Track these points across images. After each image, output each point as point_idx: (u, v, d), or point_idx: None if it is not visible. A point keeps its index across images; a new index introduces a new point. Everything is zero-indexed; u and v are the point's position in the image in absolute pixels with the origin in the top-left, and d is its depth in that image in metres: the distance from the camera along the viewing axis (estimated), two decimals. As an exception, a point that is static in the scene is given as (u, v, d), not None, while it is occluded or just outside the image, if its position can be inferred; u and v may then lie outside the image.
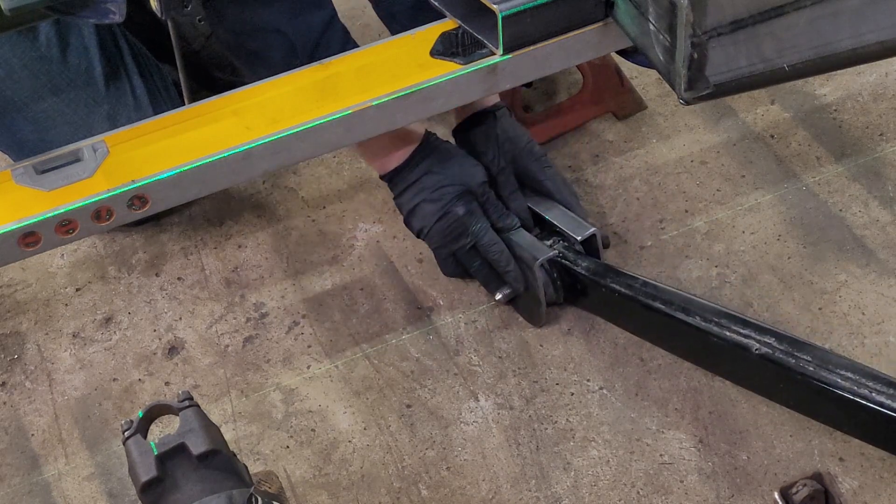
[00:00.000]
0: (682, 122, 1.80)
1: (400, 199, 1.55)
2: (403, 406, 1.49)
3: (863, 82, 1.82)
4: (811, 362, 1.27)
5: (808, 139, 1.75)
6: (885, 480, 1.36)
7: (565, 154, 1.78)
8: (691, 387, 1.47)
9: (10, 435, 1.51)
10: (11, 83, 1.58)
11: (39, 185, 1.25)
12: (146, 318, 1.63)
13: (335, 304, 1.62)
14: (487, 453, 1.44)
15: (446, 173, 1.52)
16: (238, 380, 1.54)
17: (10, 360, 1.60)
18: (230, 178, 1.32)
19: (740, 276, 1.58)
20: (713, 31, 1.09)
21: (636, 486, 1.38)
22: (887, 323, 1.50)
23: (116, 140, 1.30)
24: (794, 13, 1.05)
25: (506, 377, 1.51)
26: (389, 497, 1.40)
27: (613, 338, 1.53)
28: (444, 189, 1.51)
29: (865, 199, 1.65)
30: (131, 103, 1.64)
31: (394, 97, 1.32)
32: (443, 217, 1.51)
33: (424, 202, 1.52)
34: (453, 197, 1.51)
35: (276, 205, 1.76)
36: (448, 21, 1.39)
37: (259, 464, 1.45)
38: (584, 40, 1.36)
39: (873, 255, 1.58)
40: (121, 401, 1.54)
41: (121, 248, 1.72)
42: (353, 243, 1.69)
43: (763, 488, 1.36)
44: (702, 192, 1.69)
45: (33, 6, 1.15)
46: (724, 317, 1.35)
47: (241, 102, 1.34)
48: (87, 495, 1.45)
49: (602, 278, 1.47)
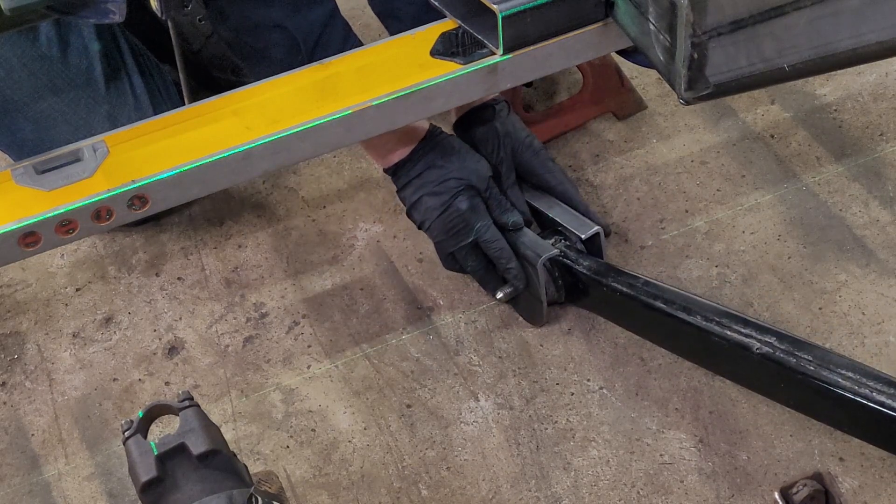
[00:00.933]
0: (682, 122, 1.80)
1: (403, 192, 1.55)
2: (403, 406, 1.49)
3: (863, 82, 1.82)
4: (812, 362, 1.27)
5: (808, 139, 1.75)
6: (885, 480, 1.36)
7: (566, 154, 1.78)
8: (691, 387, 1.47)
9: (10, 435, 1.51)
10: (11, 83, 1.58)
11: (39, 185, 1.25)
12: (146, 318, 1.63)
13: (335, 304, 1.62)
14: (487, 453, 1.44)
15: (450, 167, 1.51)
16: (238, 380, 1.54)
17: (10, 360, 1.60)
18: (230, 178, 1.32)
19: (740, 276, 1.58)
20: (713, 31, 1.09)
21: (636, 486, 1.38)
22: (887, 323, 1.50)
23: (116, 140, 1.30)
24: (794, 13, 1.05)
25: (506, 377, 1.51)
26: (389, 497, 1.40)
27: (614, 337, 1.53)
28: (448, 183, 1.51)
29: (865, 199, 1.65)
30: (131, 103, 1.64)
31: (394, 97, 1.32)
32: (445, 211, 1.51)
33: (427, 196, 1.52)
34: (457, 191, 1.50)
35: (276, 205, 1.76)
36: (448, 21, 1.39)
37: (259, 464, 1.45)
38: (584, 40, 1.36)
39: (873, 255, 1.58)
40: (121, 401, 1.54)
41: (121, 248, 1.72)
42: (353, 243, 1.69)
43: (763, 488, 1.36)
44: (702, 191, 1.69)
45: (33, 6, 1.15)
46: (725, 316, 1.35)
47: (241, 102, 1.34)
48: (87, 495, 1.45)
49: (603, 277, 1.47)
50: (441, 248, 1.56)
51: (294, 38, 1.47)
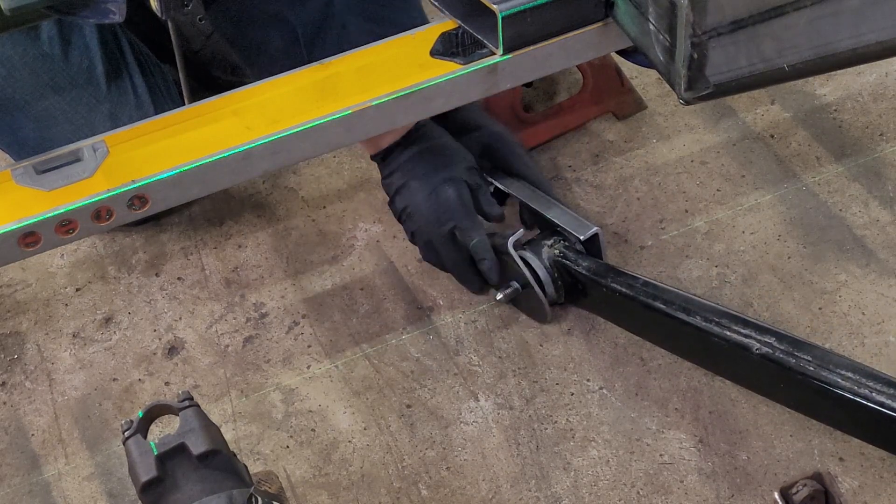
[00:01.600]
0: (682, 122, 1.80)
1: (390, 178, 1.55)
2: (403, 406, 1.49)
3: (863, 82, 1.82)
4: (811, 362, 1.27)
5: (808, 139, 1.75)
6: (885, 480, 1.36)
7: (565, 154, 1.78)
8: (691, 387, 1.47)
9: (10, 435, 1.51)
10: (13, 81, 1.59)
11: (39, 185, 1.25)
12: (146, 318, 1.63)
13: (335, 304, 1.62)
14: (487, 453, 1.44)
15: (439, 157, 1.52)
16: (238, 380, 1.54)
17: (10, 360, 1.60)
18: (230, 178, 1.32)
19: (740, 276, 1.58)
20: (713, 31, 1.09)
21: (636, 486, 1.38)
22: (887, 323, 1.50)
23: (116, 140, 1.30)
24: (794, 13, 1.05)
25: (506, 377, 1.51)
26: (389, 497, 1.40)
27: (613, 338, 1.53)
28: (437, 171, 1.51)
29: (865, 199, 1.65)
30: (133, 102, 1.64)
31: (394, 97, 1.32)
32: (431, 195, 1.51)
33: (414, 181, 1.52)
34: (445, 179, 1.51)
35: (276, 205, 1.76)
36: (448, 21, 1.39)
37: (259, 464, 1.45)
38: (584, 40, 1.36)
39: (873, 255, 1.58)
40: (121, 401, 1.54)
41: (121, 248, 1.72)
42: (353, 243, 1.69)
43: (763, 488, 1.36)
44: (702, 192, 1.69)
45: (33, 6, 1.15)
46: (725, 316, 1.35)
47: (241, 102, 1.34)
48: (87, 495, 1.45)
49: (602, 278, 1.47)
50: (420, 236, 1.56)
51: (294, 28, 1.47)
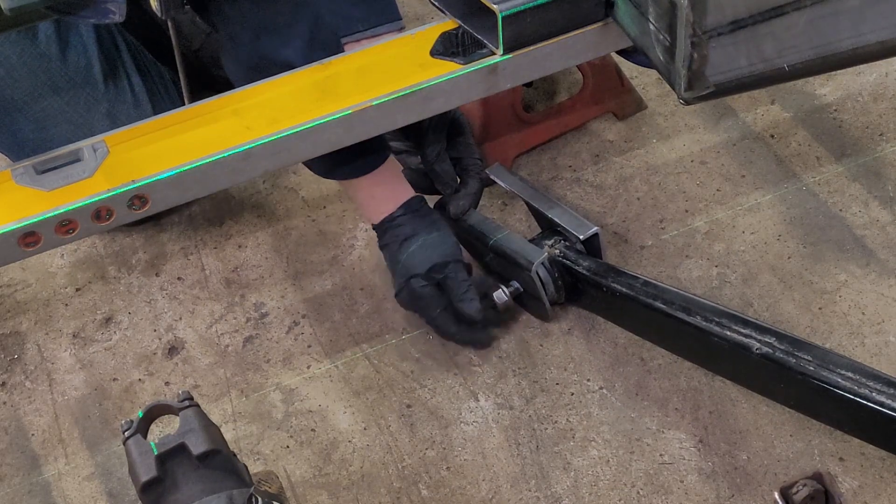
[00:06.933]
0: (682, 122, 1.80)
1: (384, 250, 1.55)
2: (403, 406, 1.49)
3: (863, 82, 1.82)
4: (811, 362, 1.28)
5: (808, 139, 1.75)
6: (885, 480, 1.36)
7: (565, 154, 1.78)
8: (691, 387, 1.47)
9: (10, 435, 1.51)
10: (11, 82, 1.59)
11: (39, 185, 1.25)
12: (146, 318, 1.63)
13: (335, 304, 1.62)
14: (487, 453, 1.44)
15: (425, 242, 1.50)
16: (238, 380, 1.54)
17: (10, 360, 1.60)
18: (230, 178, 1.32)
19: (740, 276, 1.58)
20: (713, 31, 1.09)
21: (636, 486, 1.38)
22: (887, 323, 1.50)
23: (116, 140, 1.30)
24: (794, 13, 1.05)
25: (506, 377, 1.51)
26: (389, 497, 1.40)
27: (613, 337, 1.53)
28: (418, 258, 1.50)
29: (865, 199, 1.65)
30: (130, 101, 1.65)
31: (394, 97, 1.32)
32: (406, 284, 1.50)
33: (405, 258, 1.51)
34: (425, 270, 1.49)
35: (276, 205, 1.76)
36: (448, 21, 1.39)
37: (259, 464, 1.45)
38: (584, 40, 1.37)
39: (873, 255, 1.58)
40: (121, 401, 1.54)
41: (121, 248, 1.72)
42: (353, 243, 1.69)
43: (763, 488, 1.36)
44: (702, 192, 1.69)
45: (33, 6, 1.15)
46: (725, 316, 1.35)
47: (241, 102, 1.34)
48: (87, 495, 1.45)
49: (603, 278, 1.47)
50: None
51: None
